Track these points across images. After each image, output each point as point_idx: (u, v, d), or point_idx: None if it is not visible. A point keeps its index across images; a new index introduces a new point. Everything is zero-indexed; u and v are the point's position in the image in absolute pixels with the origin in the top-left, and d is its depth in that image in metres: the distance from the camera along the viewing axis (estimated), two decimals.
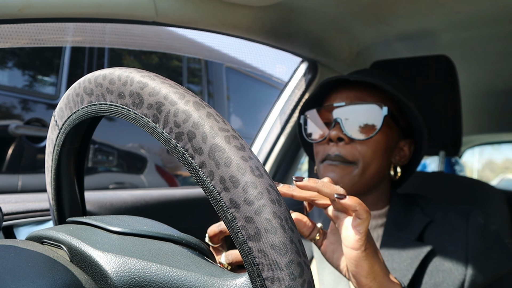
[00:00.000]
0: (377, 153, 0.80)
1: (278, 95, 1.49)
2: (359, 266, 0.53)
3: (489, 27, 1.20)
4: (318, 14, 1.12)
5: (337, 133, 0.79)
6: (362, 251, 0.53)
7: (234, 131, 0.35)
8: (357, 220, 0.52)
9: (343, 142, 0.80)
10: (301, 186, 0.54)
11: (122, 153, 2.61)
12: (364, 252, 0.53)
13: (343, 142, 0.80)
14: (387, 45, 1.36)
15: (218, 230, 0.59)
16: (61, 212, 0.51)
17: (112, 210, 1.01)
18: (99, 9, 0.75)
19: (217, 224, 0.60)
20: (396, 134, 0.84)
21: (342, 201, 0.52)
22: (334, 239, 0.60)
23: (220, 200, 0.33)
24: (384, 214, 0.85)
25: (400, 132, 0.85)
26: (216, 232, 0.59)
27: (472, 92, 1.92)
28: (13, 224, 0.82)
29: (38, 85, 2.31)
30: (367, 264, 0.53)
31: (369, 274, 0.53)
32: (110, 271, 0.35)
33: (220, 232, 0.59)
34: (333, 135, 0.79)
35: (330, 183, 0.54)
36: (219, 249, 0.62)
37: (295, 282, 0.31)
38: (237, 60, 1.56)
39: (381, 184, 0.85)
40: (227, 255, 0.60)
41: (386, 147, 0.82)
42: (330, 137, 0.80)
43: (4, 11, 0.64)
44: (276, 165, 1.51)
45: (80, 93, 0.42)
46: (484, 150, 13.86)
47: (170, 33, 1.14)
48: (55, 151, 0.47)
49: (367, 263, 0.53)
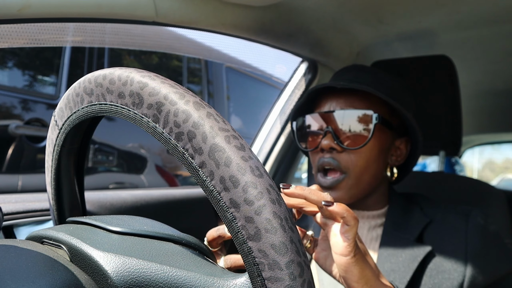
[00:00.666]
0: (370, 160, 0.80)
1: (278, 95, 1.49)
2: (349, 272, 0.53)
3: (489, 27, 1.20)
4: (318, 14, 1.12)
5: (329, 142, 0.79)
6: (351, 257, 0.53)
7: (234, 131, 0.35)
8: (345, 226, 0.53)
9: (335, 151, 0.79)
10: (288, 194, 0.54)
11: (122, 153, 2.61)
12: (353, 258, 0.53)
13: (335, 151, 0.79)
14: (387, 45, 1.36)
15: (217, 234, 0.59)
16: (61, 212, 0.51)
17: (112, 210, 1.01)
18: (99, 9, 0.75)
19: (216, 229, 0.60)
20: (390, 135, 0.83)
21: (330, 208, 0.52)
22: (325, 246, 0.60)
23: (220, 200, 0.33)
24: (383, 214, 0.85)
25: (395, 132, 0.84)
26: (215, 237, 0.59)
27: (472, 92, 1.92)
28: (13, 224, 0.82)
29: (38, 85, 2.31)
30: (357, 269, 0.53)
31: (360, 279, 0.53)
32: (110, 271, 0.35)
33: (219, 237, 0.59)
34: (324, 144, 0.79)
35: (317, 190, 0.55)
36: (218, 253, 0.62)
37: (295, 282, 0.31)
38: (237, 60, 1.56)
39: (379, 186, 0.85)
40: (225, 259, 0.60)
41: (380, 151, 0.81)
42: (322, 146, 0.79)
43: (4, 11, 0.64)
44: (276, 165, 1.51)
45: (80, 93, 0.42)
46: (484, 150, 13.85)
47: (170, 33, 1.14)
48: (55, 151, 0.47)
49: (357, 268, 0.53)
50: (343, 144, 0.79)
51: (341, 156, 0.79)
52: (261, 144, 1.49)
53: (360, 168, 0.79)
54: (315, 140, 0.83)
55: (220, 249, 0.62)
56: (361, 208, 0.85)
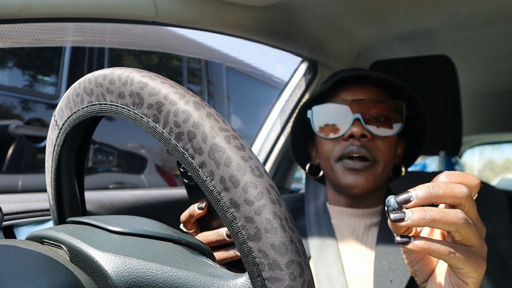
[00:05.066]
0: (393, 150, 0.80)
1: (278, 95, 1.49)
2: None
3: (489, 27, 1.20)
4: (318, 14, 1.12)
5: (361, 129, 0.76)
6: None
7: (234, 131, 0.35)
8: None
9: (366, 138, 0.77)
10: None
11: (122, 153, 2.61)
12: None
13: (366, 138, 0.77)
14: (387, 45, 1.36)
15: (188, 213, 0.60)
16: (61, 212, 0.51)
17: (112, 210, 1.01)
18: (99, 9, 0.75)
19: (187, 210, 0.60)
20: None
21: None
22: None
23: (220, 200, 0.33)
24: (378, 213, 0.85)
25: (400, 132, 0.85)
26: (187, 217, 0.60)
27: (472, 92, 1.92)
28: (13, 224, 0.82)
29: (38, 85, 2.31)
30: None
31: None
32: (110, 271, 0.35)
33: (190, 216, 0.60)
34: (356, 131, 0.76)
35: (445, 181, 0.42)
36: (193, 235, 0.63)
37: (295, 282, 0.31)
38: (237, 60, 1.56)
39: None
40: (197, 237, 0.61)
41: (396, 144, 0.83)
42: (353, 133, 0.77)
43: (4, 11, 0.64)
44: (276, 165, 1.51)
45: (80, 93, 0.42)
46: (484, 150, 13.83)
47: (170, 33, 1.14)
48: (55, 151, 0.47)
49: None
50: (374, 132, 0.78)
51: (370, 144, 0.78)
52: (261, 144, 1.49)
53: (387, 157, 0.79)
54: (339, 128, 0.80)
55: (195, 231, 0.63)
56: (357, 206, 0.85)
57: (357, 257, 0.80)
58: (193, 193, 0.60)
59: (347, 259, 0.80)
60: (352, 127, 0.77)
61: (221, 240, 0.59)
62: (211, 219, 0.60)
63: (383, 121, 0.79)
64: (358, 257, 0.80)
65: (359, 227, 0.83)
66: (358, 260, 0.80)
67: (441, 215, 0.39)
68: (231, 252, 0.59)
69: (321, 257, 0.81)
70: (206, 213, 0.59)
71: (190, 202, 0.61)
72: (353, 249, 0.81)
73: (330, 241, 0.82)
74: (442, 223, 0.39)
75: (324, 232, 0.84)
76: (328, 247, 0.82)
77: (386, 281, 0.74)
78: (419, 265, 0.48)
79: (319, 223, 0.87)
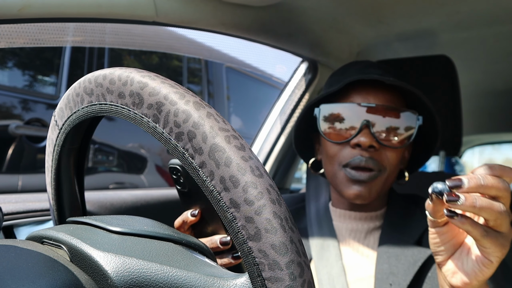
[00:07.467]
0: (400, 159, 0.78)
1: (278, 95, 1.49)
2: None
3: (489, 27, 1.20)
4: (318, 14, 1.12)
5: (369, 140, 0.73)
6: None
7: (234, 131, 0.35)
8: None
9: (373, 149, 0.74)
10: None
11: (122, 153, 2.61)
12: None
13: (373, 149, 0.74)
14: (387, 45, 1.36)
15: (182, 220, 0.59)
16: (61, 212, 0.51)
17: (112, 210, 1.01)
18: (99, 9, 0.75)
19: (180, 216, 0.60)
20: None
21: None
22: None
23: (220, 200, 0.33)
24: (381, 216, 0.84)
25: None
26: (181, 223, 0.59)
27: (472, 92, 1.92)
28: (13, 224, 0.82)
29: (38, 85, 2.31)
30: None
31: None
32: (110, 271, 0.35)
33: (184, 222, 0.59)
34: (363, 141, 0.73)
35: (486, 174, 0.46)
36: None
37: (295, 282, 0.31)
38: (237, 60, 1.56)
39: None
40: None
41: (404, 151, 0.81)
42: (360, 143, 0.74)
43: (4, 11, 0.64)
44: (276, 165, 1.51)
45: (80, 93, 0.42)
46: (484, 150, 13.83)
47: (170, 33, 1.14)
48: (55, 151, 0.47)
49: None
50: (382, 141, 0.75)
51: (377, 154, 0.75)
52: (261, 144, 1.49)
53: (394, 166, 0.77)
54: (346, 133, 0.77)
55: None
56: (360, 209, 0.84)
57: (358, 259, 0.80)
58: (186, 200, 0.59)
59: (348, 260, 0.80)
60: (360, 136, 0.74)
61: (214, 248, 0.58)
62: (205, 225, 0.60)
63: (394, 129, 0.76)
64: (359, 258, 0.80)
65: (361, 230, 0.83)
66: (359, 261, 0.79)
67: (489, 205, 0.44)
68: (225, 260, 0.58)
69: (322, 257, 0.81)
70: (199, 220, 0.59)
71: (183, 208, 0.61)
72: (354, 250, 0.81)
73: (331, 242, 0.82)
74: (487, 212, 0.44)
75: (325, 233, 0.83)
76: (329, 247, 0.81)
77: (386, 284, 0.73)
78: (446, 245, 0.52)
79: (320, 224, 0.86)
